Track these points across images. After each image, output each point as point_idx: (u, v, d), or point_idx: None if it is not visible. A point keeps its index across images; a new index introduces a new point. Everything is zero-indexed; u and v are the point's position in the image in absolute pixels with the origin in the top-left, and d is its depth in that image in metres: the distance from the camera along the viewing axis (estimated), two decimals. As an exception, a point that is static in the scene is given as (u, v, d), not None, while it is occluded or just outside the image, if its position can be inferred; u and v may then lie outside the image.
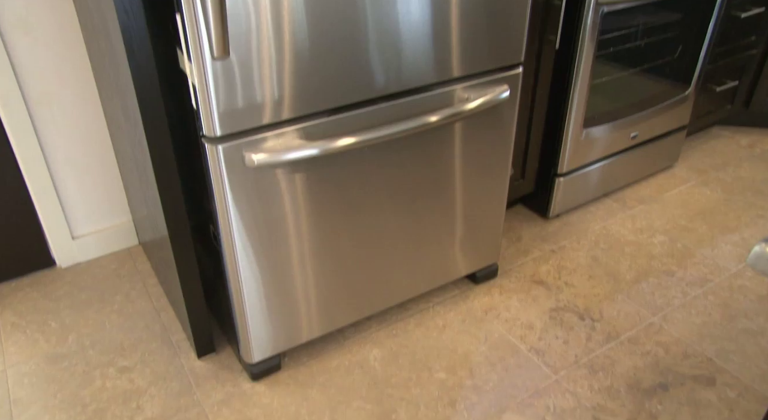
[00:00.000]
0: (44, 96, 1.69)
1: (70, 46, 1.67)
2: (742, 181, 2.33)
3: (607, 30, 1.82)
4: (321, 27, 1.13)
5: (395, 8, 1.20)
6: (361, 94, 1.25)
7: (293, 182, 1.26)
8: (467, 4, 1.30)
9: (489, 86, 1.44)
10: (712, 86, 2.40)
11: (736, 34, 2.31)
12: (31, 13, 1.58)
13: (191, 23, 1.01)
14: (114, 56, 1.29)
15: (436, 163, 1.47)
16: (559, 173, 2.00)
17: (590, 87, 1.87)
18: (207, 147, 1.15)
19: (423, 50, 1.28)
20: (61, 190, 1.84)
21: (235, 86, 1.09)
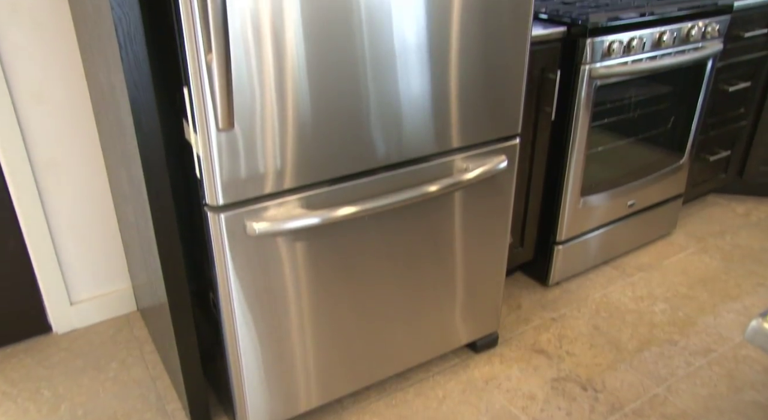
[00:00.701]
0: (51, 163, 1.73)
1: (79, 116, 1.72)
2: (741, 249, 2.34)
3: (600, 102, 1.88)
4: (323, 100, 1.17)
5: (396, 82, 1.25)
6: (362, 164, 1.28)
7: (294, 250, 1.27)
8: (465, 78, 1.35)
9: (487, 156, 1.47)
10: (706, 156, 2.44)
11: (725, 106, 2.38)
12: (45, 86, 1.64)
13: (198, 96, 1.05)
14: (121, 127, 1.33)
15: (435, 231, 1.48)
16: (557, 241, 2.01)
17: (586, 156, 1.91)
18: (209, 216, 1.16)
19: (423, 122, 1.32)
20: (62, 256, 1.85)
21: (238, 157, 1.12)
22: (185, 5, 0.99)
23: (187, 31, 1.01)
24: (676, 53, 1.95)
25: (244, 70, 1.07)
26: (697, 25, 1.96)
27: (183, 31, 1.01)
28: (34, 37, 1.58)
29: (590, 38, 1.71)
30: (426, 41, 1.26)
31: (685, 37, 1.95)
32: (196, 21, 0.99)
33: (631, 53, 1.83)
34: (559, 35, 1.72)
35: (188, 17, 1.00)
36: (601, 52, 1.76)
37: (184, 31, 1.01)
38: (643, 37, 1.83)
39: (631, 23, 1.80)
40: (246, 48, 1.06)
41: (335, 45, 1.15)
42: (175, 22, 1.06)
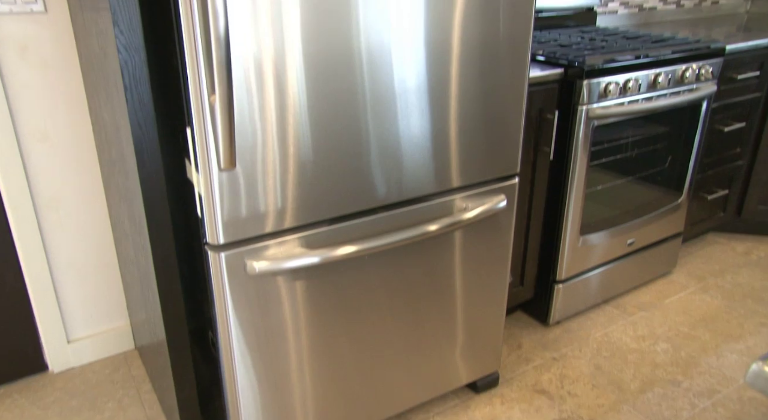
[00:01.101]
0: (53, 200, 1.74)
1: (83, 154, 1.73)
2: (742, 288, 2.33)
3: (598, 142, 1.91)
4: (324, 140, 1.19)
5: (396, 123, 1.27)
6: (362, 204, 1.29)
7: (293, 289, 1.27)
8: (465, 118, 1.37)
9: (486, 196, 1.48)
10: (704, 194, 2.46)
11: (721, 146, 2.41)
12: (50, 124, 1.66)
13: (200, 136, 1.07)
14: (124, 165, 1.34)
15: (435, 270, 1.48)
16: (557, 280, 2.01)
17: (585, 195, 1.92)
18: (210, 254, 1.17)
19: (423, 162, 1.34)
20: (61, 293, 1.84)
21: (239, 196, 1.13)
22: (190, 48, 1.01)
23: (191, 73, 1.03)
24: (672, 94, 1.98)
25: (246, 111, 1.09)
26: (691, 67, 1.99)
27: (187, 73, 1.04)
28: (41, 76, 1.61)
29: (587, 80, 1.75)
30: (426, 82, 1.28)
31: (679, 78, 1.98)
32: (200, 63, 1.02)
33: (627, 94, 1.86)
34: (556, 77, 1.75)
35: (193, 59, 1.02)
36: (598, 93, 1.79)
37: (189, 72, 1.03)
38: (638, 78, 1.87)
39: (627, 65, 1.84)
40: (248, 89, 1.08)
41: (336, 86, 1.17)
42: (179, 64, 1.08)
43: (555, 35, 2.21)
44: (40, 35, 1.58)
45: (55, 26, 1.59)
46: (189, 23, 1.00)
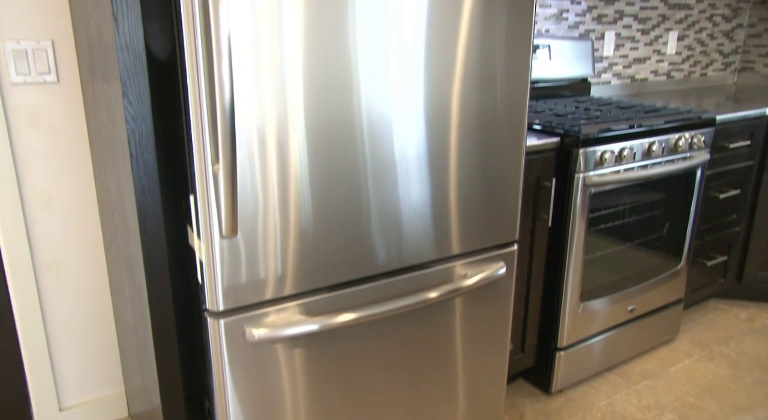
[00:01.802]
0: (53, 264, 1.74)
1: (85, 219, 1.75)
2: (747, 357, 2.30)
3: (596, 208, 1.93)
4: (325, 208, 1.21)
5: (396, 190, 1.29)
6: (362, 271, 1.30)
7: (292, 356, 1.26)
8: (464, 186, 1.39)
9: (486, 263, 1.49)
10: (703, 261, 2.46)
11: (718, 212, 2.43)
12: (55, 189, 1.69)
13: (203, 204, 1.09)
14: (127, 230, 1.36)
15: (435, 337, 1.47)
16: (559, 347, 1.98)
17: (584, 262, 1.93)
18: (209, 321, 1.16)
19: (423, 229, 1.35)
20: (56, 359, 1.81)
21: (240, 263, 1.14)
22: (196, 118, 1.04)
23: (196, 143, 1.06)
24: (666, 162, 2.02)
25: (248, 179, 1.11)
26: (684, 136, 2.04)
27: (192, 142, 1.07)
28: (50, 143, 1.65)
29: (583, 148, 1.79)
30: (425, 151, 1.31)
31: (673, 147, 2.03)
32: (205, 133, 1.05)
33: (622, 162, 1.90)
34: (553, 145, 1.79)
35: (198, 129, 1.05)
36: (594, 162, 1.82)
37: (194, 142, 1.06)
38: (633, 147, 1.91)
39: (622, 134, 1.89)
40: (251, 158, 1.11)
41: (338, 155, 1.20)
42: (185, 134, 1.11)
43: (551, 105, 2.27)
44: (51, 104, 1.63)
45: (66, 95, 1.64)
46: (195, 94, 1.04)
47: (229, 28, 0.98)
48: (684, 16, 2.98)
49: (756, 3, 3.21)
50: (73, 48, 1.62)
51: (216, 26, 0.97)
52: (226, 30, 0.98)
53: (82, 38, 1.48)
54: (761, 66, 3.24)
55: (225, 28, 0.98)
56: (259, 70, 1.08)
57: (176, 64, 1.11)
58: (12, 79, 1.56)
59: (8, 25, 1.53)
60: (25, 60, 1.57)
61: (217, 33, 0.98)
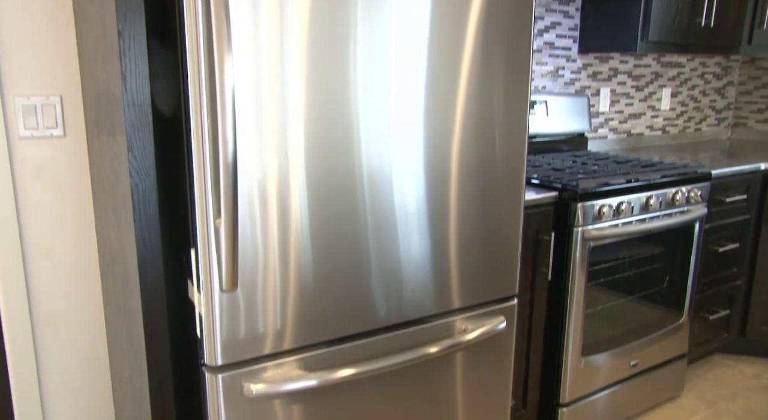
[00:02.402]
0: (51, 317, 1.73)
1: (85, 271, 1.75)
2: (756, 416, 2.25)
3: (595, 262, 1.93)
4: (325, 263, 1.21)
5: (396, 245, 1.30)
6: (361, 325, 1.29)
7: (291, 412, 1.24)
8: (464, 240, 1.40)
9: (486, 317, 1.48)
10: (705, 315, 2.44)
11: (718, 266, 2.43)
12: (56, 241, 1.69)
13: (204, 258, 1.09)
14: (126, 283, 1.36)
15: (435, 393, 1.44)
16: (561, 403, 1.95)
17: (585, 315, 1.91)
18: (207, 376, 1.15)
19: (423, 284, 1.35)
20: (48, 413, 1.78)
21: (239, 318, 1.14)
22: (199, 173, 1.06)
23: (199, 197, 1.07)
24: (664, 216, 2.03)
25: (249, 234, 1.12)
26: (681, 190, 2.07)
27: (195, 197, 1.08)
28: (53, 195, 1.67)
29: (581, 203, 1.80)
30: (425, 205, 1.33)
31: (670, 201, 2.05)
32: (207, 188, 1.06)
33: (621, 216, 1.91)
34: (551, 199, 1.81)
35: (201, 184, 1.07)
36: (593, 216, 1.84)
37: (196, 196, 1.08)
38: (631, 201, 1.93)
39: (619, 189, 1.91)
40: (251, 212, 1.12)
41: (338, 209, 1.21)
42: (188, 188, 1.13)
43: (549, 159, 2.31)
44: (57, 157, 1.65)
45: (72, 149, 1.67)
46: (199, 149, 1.06)
47: (233, 84, 1.01)
48: (676, 73, 3.06)
49: (744, 62, 3.30)
50: (81, 103, 1.66)
51: (221, 83, 1.00)
52: (231, 86, 1.01)
53: (90, 94, 1.52)
54: (753, 122, 3.30)
55: (229, 85, 1.01)
56: (262, 125, 1.10)
57: (180, 119, 1.14)
58: (20, 133, 1.59)
59: (20, 81, 1.57)
60: (33, 115, 1.60)
61: (222, 89, 1.01)
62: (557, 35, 2.53)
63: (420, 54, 1.25)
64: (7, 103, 1.57)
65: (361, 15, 1.17)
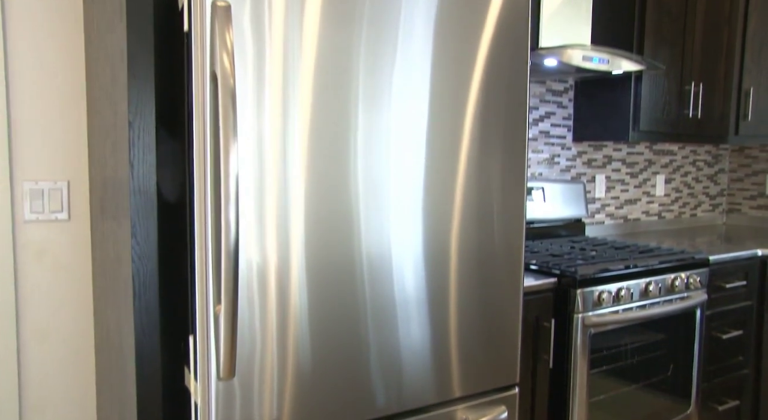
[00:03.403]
0: (40, 402, 1.68)
1: (80, 356, 1.72)
2: None
3: (597, 349, 1.90)
4: (324, 350, 1.20)
5: (396, 332, 1.29)
6: (360, 414, 1.26)
7: None
8: (464, 327, 1.39)
9: (487, 407, 1.45)
10: (714, 405, 2.38)
11: (723, 354, 2.39)
12: (52, 324, 1.68)
13: (203, 346, 1.08)
14: (122, 369, 1.33)
15: (435, 489, 1.39)
16: None
17: (589, 405, 1.86)
18: (198, 470, 1.11)
19: (423, 372, 1.33)
20: None
21: (234, 407, 1.11)
22: (200, 259, 1.07)
23: (200, 283, 1.08)
24: (664, 302, 2.03)
25: (247, 321, 1.12)
26: (680, 276, 2.07)
27: (195, 283, 1.09)
28: (53, 278, 1.67)
29: (580, 289, 1.80)
30: (425, 292, 1.33)
31: (670, 287, 2.05)
32: (208, 274, 1.07)
33: (620, 303, 1.90)
34: (550, 286, 1.81)
35: (202, 270, 1.08)
36: (592, 302, 1.83)
37: (197, 282, 1.08)
38: (630, 287, 1.93)
39: (618, 275, 1.91)
40: (250, 299, 1.12)
41: (337, 296, 1.22)
42: (189, 274, 1.14)
43: (547, 245, 2.33)
44: (60, 240, 1.67)
45: (75, 232, 1.69)
46: (201, 235, 1.08)
47: (237, 172, 1.05)
48: (669, 160, 3.14)
49: (734, 151, 3.40)
50: (87, 187, 1.70)
51: (225, 170, 1.04)
52: (235, 174, 1.04)
53: (97, 179, 1.56)
54: (747, 208, 3.35)
55: (234, 173, 1.04)
56: (263, 213, 1.13)
57: (184, 206, 1.17)
58: (25, 216, 1.62)
59: (30, 167, 1.62)
60: (40, 199, 1.64)
61: (227, 177, 1.04)
62: (552, 124, 2.62)
63: (419, 143, 1.30)
64: (15, 187, 1.60)
65: (363, 107, 1.22)
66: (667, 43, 2.50)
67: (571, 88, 2.66)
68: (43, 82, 1.62)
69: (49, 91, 1.63)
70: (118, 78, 1.27)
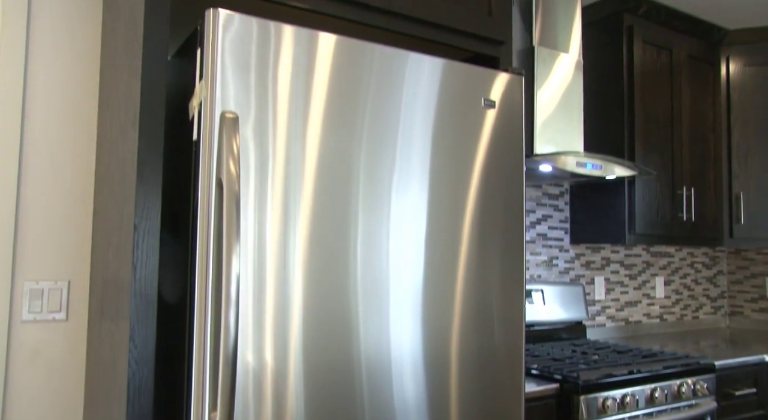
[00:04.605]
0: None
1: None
2: None
3: (605, 461, 1.82)
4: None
5: None
6: None
7: None
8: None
9: None
10: None
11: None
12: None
13: None
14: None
15: None
16: None
17: None
18: None
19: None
20: None
21: None
22: (198, 364, 1.06)
23: (196, 389, 1.06)
24: (672, 410, 1.97)
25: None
26: (686, 382, 2.02)
27: (192, 389, 1.07)
28: (45, 380, 1.63)
29: (584, 395, 1.76)
30: (425, 398, 1.30)
31: (676, 394, 1.99)
32: (206, 378, 1.06)
33: (626, 410, 1.85)
34: (552, 392, 1.77)
35: (199, 374, 1.06)
36: (597, 409, 1.78)
37: (193, 387, 1.06)
38: (635, 393, 1.88)
39: (622, 380, 1.87)
40: (245, 405, 1.10)
41: (335, 403, 1.19)
42: (185, 380, 1.12)
43: (548, 348, 2.29)
44: (55, 341, 1.65)
45: (72, 334, 1.67)
46: (200, 339, 1.07)
47: (239, 275, 1.06)
48: (666, 262, 3.16)
49: (731, 253, 3.42)
50: (87, 288, 1.70)
51: (227, 274, 1.05)
52: (236, 277, 1.05)
53: (98, 280, 1.56)
54: (749, 311, 3.33)
55: (235, 276, 1.05)
56: (261, 317, 1.13)
57: (184, 309, 1.17)
58: (23, 316, 1.61)
59: (32, 266, 1.63)
60: (39, 299, 1.63)
61: (228, 280, 1.05)
62: (549, 227, 2.66)
63: (418, 247, 1.32)
64: (16, 287, 1.61)
65: (362, 212, 1.25)
66: (656, 149, 2.59)
67: (566, 192, 2.73)
68: (53, 184, 1.67)
69: (59, 192, 1.67)
70: (127, 181, 1.31)
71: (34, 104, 1.65)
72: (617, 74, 2.56)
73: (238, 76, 1.14)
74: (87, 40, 1.73)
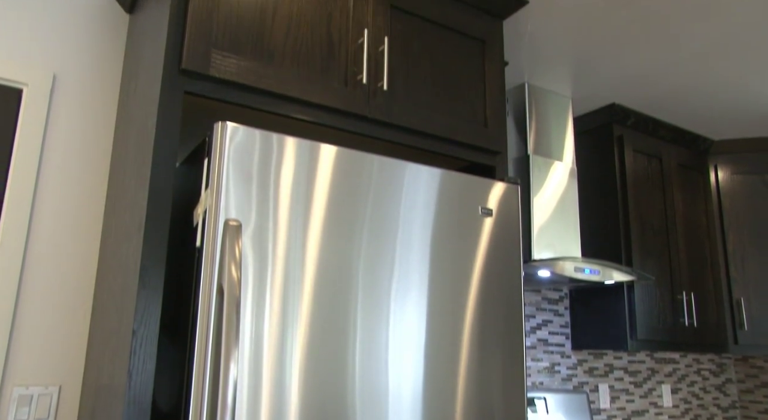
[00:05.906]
0: None
1: None
2: None
3: None
4: None
5: None
6: None
7: None
8: None
9: None
10: None
11: None
12: None
13: None
14: None
15: None
16: None
17: None
18: None
19: None
20: None
21: None
22: None
23: None
24: None
25: None
26: None
27: None
28: None
29: None
30: None
31: None
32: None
33: None
34: None
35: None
36: None
37: None
38: None
39: None
40: None
41: None
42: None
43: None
44: (40, 452, 1.59)
45: None
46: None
47: (236, 380, 1.04)
48: (672, 369, 3.08)
49: (737, 360, 3.35)
50: (78, 393, 1.66)
51: (225, 379, 1.03)
52: (233, 382, 1.03)
53: (91, 386, 1.53)
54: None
55: (232, 381, 1.03)
56: None
57: (179, 416, 1.14)
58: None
59: (23, 371, 1.60)
60: (27, 405, 1.59)
61: (225, 385, 1.03)
62: (550, 332, 2.63)
63: (417, 353, 1.30)
64: (4, 393, 1.57)
65: (361, 317, 1.25)
66: (653, 254, 2.62)
67: (566, 297, 2.72)
68: (53, 290, 1.67)
69: (57, 296, 1.67)
70: (128, 286, 1.32)
71: (41, 209, 1.69)
72: (611, 181, 2.64)
73: (240, 184, 1.19)
74: (99, 146, 1.80)
